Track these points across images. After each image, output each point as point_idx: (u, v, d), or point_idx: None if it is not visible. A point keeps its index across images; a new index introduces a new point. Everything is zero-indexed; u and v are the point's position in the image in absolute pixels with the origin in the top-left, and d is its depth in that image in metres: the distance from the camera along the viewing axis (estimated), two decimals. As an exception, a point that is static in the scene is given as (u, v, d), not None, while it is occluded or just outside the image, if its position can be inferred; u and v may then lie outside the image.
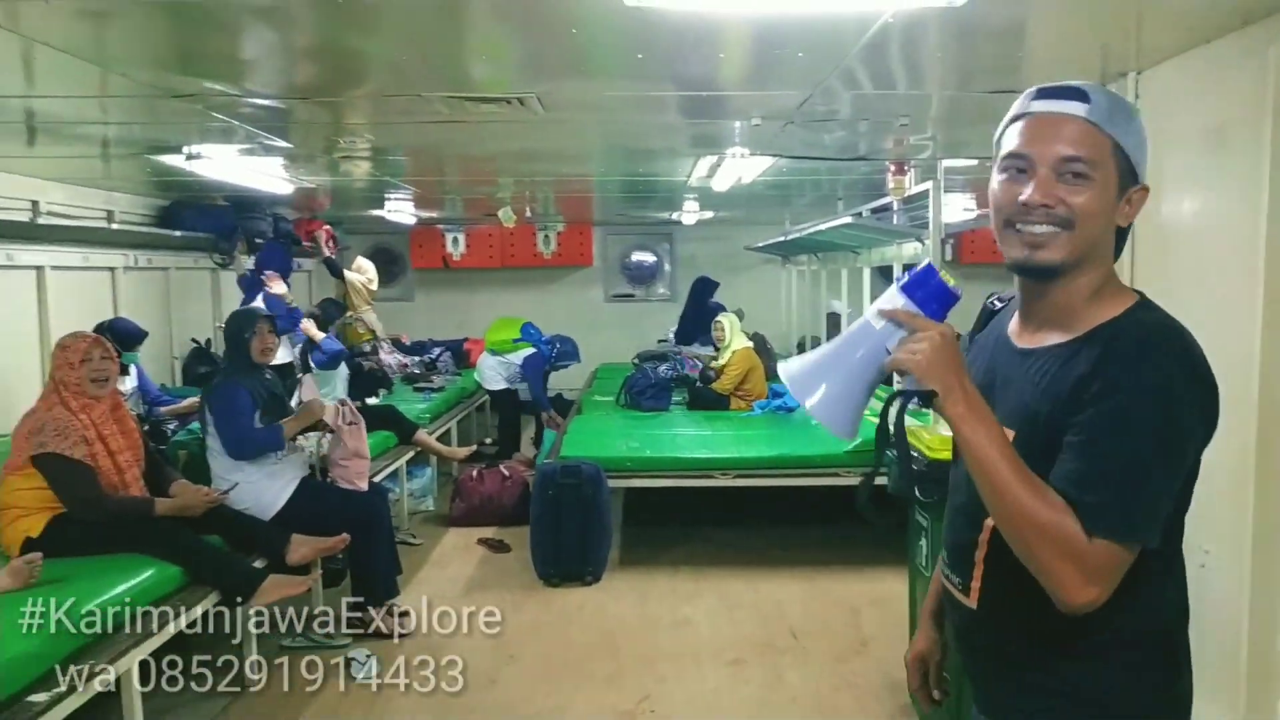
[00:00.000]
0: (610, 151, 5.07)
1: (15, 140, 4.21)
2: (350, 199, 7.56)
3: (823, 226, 6.21)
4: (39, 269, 5.39)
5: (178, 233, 6.53)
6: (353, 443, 3.94)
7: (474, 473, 5.71)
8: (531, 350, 7.08)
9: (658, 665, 3.73)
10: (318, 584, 4.07)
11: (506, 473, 5.70)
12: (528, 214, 7.32)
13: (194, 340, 7.14)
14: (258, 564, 3.46)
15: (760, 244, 8.57)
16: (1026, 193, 1.17)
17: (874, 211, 6.10)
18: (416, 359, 8.09)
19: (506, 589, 4.59)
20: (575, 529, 4.56)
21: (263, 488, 3.68)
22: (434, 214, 8.90)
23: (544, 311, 8.42)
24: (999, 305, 1.43)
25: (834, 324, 8.73)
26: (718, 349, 6.79)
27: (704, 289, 7.78)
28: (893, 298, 1.17)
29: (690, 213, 8.08)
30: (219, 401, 3.64)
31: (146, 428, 4.08)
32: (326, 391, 5.60)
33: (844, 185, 6.58)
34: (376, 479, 4.91)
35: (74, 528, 3.07)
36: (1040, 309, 1.25)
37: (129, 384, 5.03)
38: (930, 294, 1.16)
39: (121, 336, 4.90)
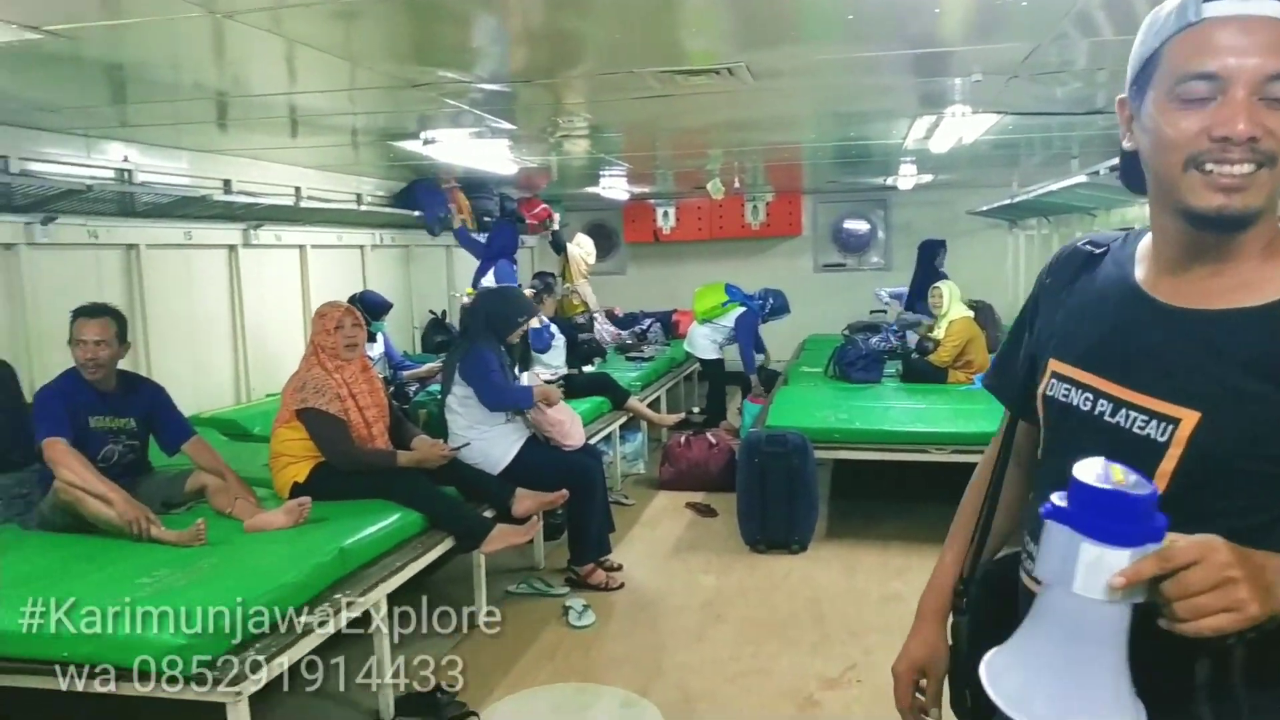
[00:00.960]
0: (821, 117, 4.98)
1: (282, 133, 4.75)
2: (569, 177, 7.89)
3: (1054, 187, 5.78)
4: (301, 248, 6.08)
5: (417, 213, 7.11)
6: (551, 411, 4.20)
7: (682, 439, 5.86)
8: (742, 309, 7.13)
9: (865, 637, 3.69)
10: (538, 536, 4.37)
11: (713, 440, 5.80)
12: (736, 185, 7.32)
13: (431, 311, 7.77)
14: (487, 514, 3.75)
15: (984, 208, 8.10)
16: (1229, 123, 0.93)
17: (1113, 169, 5.59)
18: (628, 330, 8.37)
19: (714, 552, 4.69)
20: (781, 498, 4.58)
21: (493, 445, 3.98)
22: (645, 189, 9.12)
23: (752, 282, 8.34)
24: (1097, 250, 1.16)
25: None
26: (935, 318, 6.52)
27: (929, 252, 7.45)
28: (1105, 560, 0.82)
29: (907, 177, 7.76)
30: (476, 363, 3.99)
31: (391, 389, 4.51)
32: (548, 359, 5.92)
33: (1080, 142, 6.08)
34: (591, 441, 5.19)
35: (333, 475, 3.47)
36: (1204, 262, 1.02)
37: (376, 350, 5.58)
38: (1137, 512, 0.81)
39: (370, 307, 5.43)
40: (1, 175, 3.77)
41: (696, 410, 8.46)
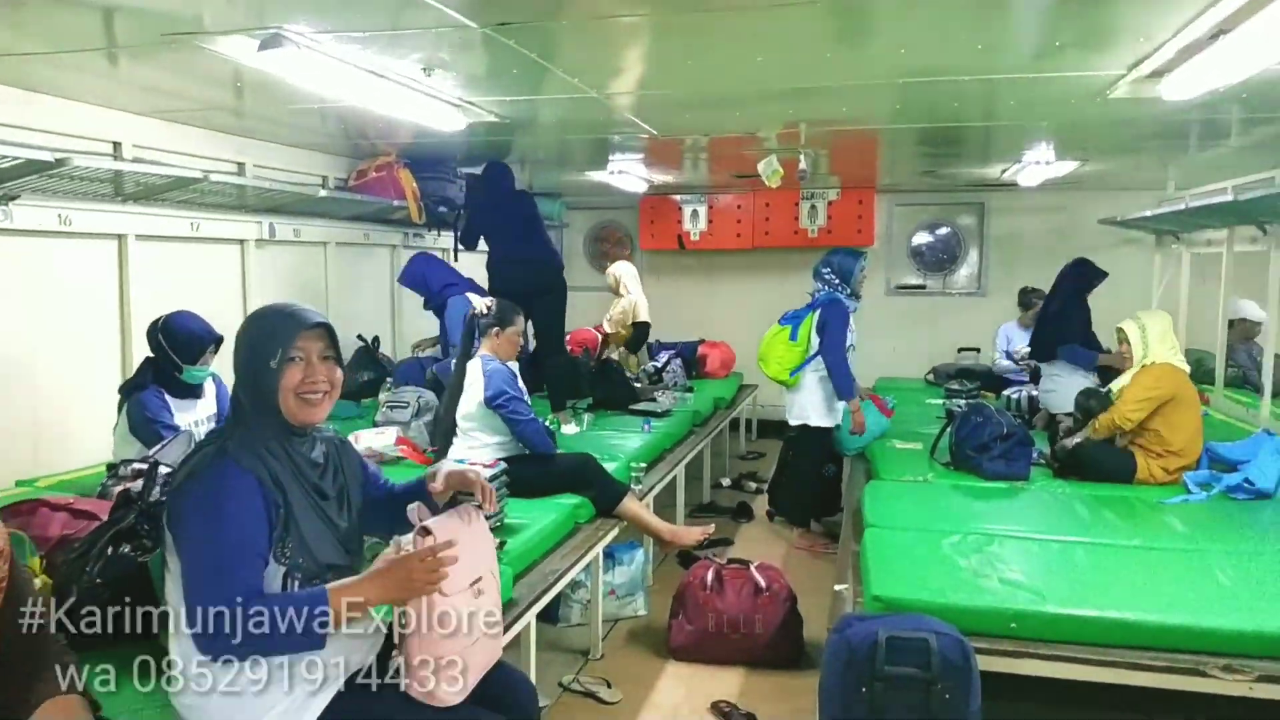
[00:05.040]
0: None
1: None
2: (563, 152, 5.66)
3: None
4: (120, 238, 3.85)
5: (320, 192, 4.84)
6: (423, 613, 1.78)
7: (709, 575, 3.50)
8: (821, 309, 4.79)
9: None
10: None
11: (762, 582, 3.44)
12: (802, 167, 5.02)
13: (360, 338, 5.52)
14: None
15: (1148, 213, 5.71)
16: None
17: None
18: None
19: None
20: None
21: (246, 697, 1.67)
22: (670, 177, 6.85)
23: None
24: None
25: (1241, 335, 5.76)
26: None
27: (1080, 280, 5.04)
28: None
29: (1038, 164, 5.42)
30: (190, 503, 1.69)
31: (134, 515, 2.22)
32: (485, 430, 3.57)
33: None
34: (558, 586, 2.88)
35: None
36: None
37: (203, 411, 3.33)
38: None
39: (179, 342, 3.17)
40: None
41: (741, 477, 6.18)
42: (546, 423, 4.65)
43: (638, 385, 5.81)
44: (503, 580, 2.48)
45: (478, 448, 3.42)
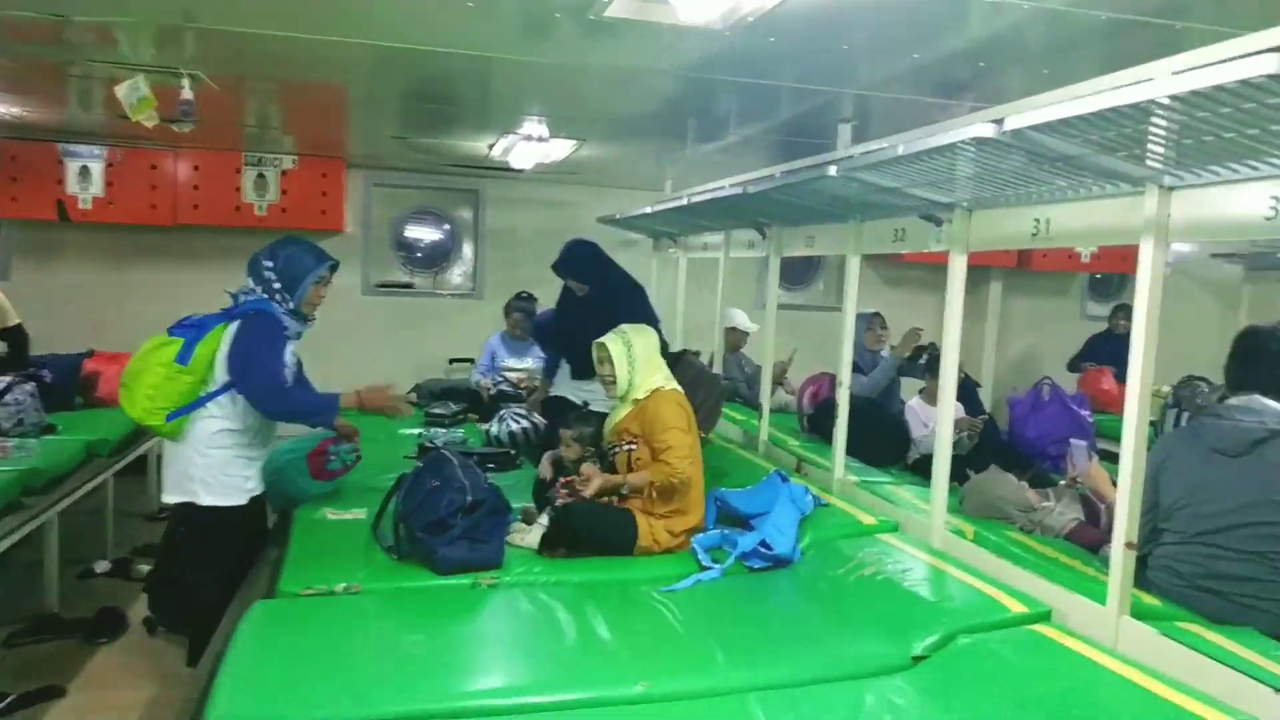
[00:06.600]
0: None
1: None
2: None
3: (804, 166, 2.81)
4: None
5: None
6: None
7: None
8: (239, 320, 3.02)
9: None
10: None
11: None
12: (185, 97, 3.27)
13: None
14: None
15: (648, 209, 5.02)
16: None
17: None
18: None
19: None
20: None
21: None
22: (26, 110, 4.60)
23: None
24: None
25: (731, 346, 5.44)
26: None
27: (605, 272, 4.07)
28: None
29: (531, 140, 4.39)
30: None
31: None
32: None
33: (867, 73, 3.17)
34: None
35: None
36: None
37: None
38: None
39: None
40: None
41: (145, 568, 4.18)
42: None
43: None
44: None
45: None
